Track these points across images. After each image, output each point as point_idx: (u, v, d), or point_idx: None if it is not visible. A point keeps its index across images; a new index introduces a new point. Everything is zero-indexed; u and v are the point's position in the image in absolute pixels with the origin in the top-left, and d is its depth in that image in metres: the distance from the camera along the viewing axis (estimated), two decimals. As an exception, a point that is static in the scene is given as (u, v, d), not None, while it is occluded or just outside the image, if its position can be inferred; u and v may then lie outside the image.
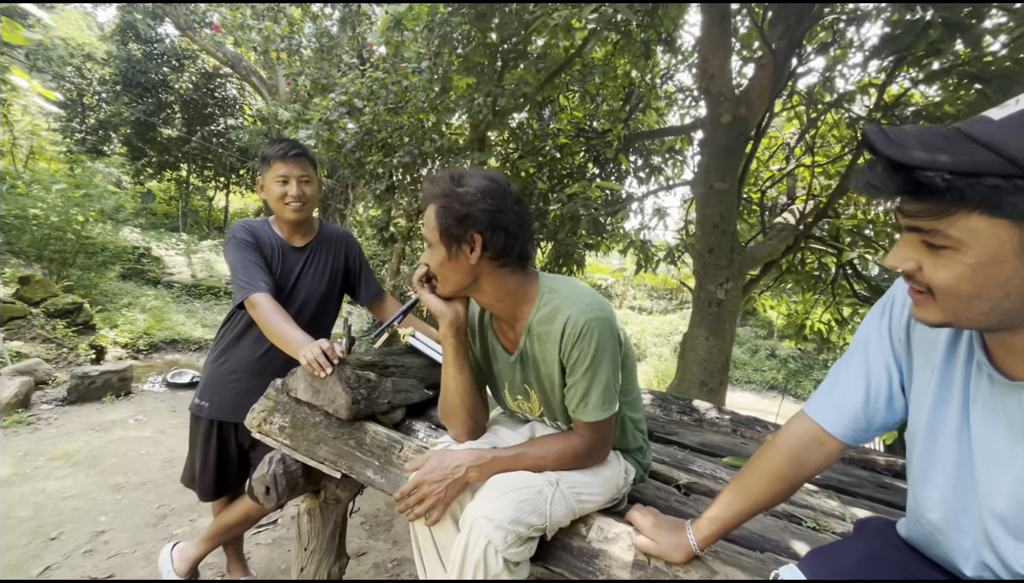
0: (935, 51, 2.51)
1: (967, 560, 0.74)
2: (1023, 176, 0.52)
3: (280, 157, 1.66)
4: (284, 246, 1.75)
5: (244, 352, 1.72)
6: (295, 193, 1.68)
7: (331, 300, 1.86)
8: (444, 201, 1.04)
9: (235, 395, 1.71)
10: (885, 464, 1.79)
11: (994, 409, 0.71)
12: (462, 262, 1.06)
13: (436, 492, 1.04)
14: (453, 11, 2.98)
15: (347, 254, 1.90)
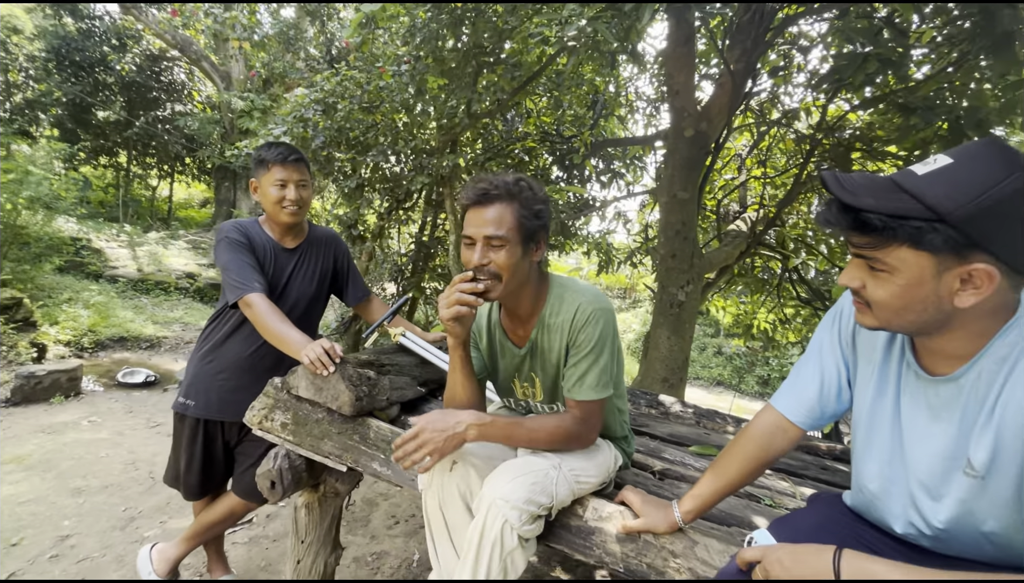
0: (870, 81, 2.81)
1: (897, 520, 0.92)
2: (938, 220, 0.69)
3: (279, 161, 1.68)
4: (276, 247, 1.77)
5: (233, 351, 1.73)
6: (293, 197, 1.70)
7: (319, 301, 1.89)
8: (526, 201, 1.12)
9: (222, 394, 1.72)
10: (826, 449, 2.03)
11: (918, 398, 0.89)
12: (528, 260, 1.15)
13: (435, 440, 1.09)
14: (433, 16, 3.04)
15: (335, 256, 1.92)
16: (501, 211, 1.11)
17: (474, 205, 1.14)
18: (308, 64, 5.23)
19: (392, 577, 2.25)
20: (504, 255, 1.11)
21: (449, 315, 1.12)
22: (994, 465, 0.79)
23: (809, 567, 0.79)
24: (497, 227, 1.11)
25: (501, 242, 1.11)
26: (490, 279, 1.13)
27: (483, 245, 1.12)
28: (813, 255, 4.75)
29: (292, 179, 1.70)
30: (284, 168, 1.69)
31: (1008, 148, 0.71)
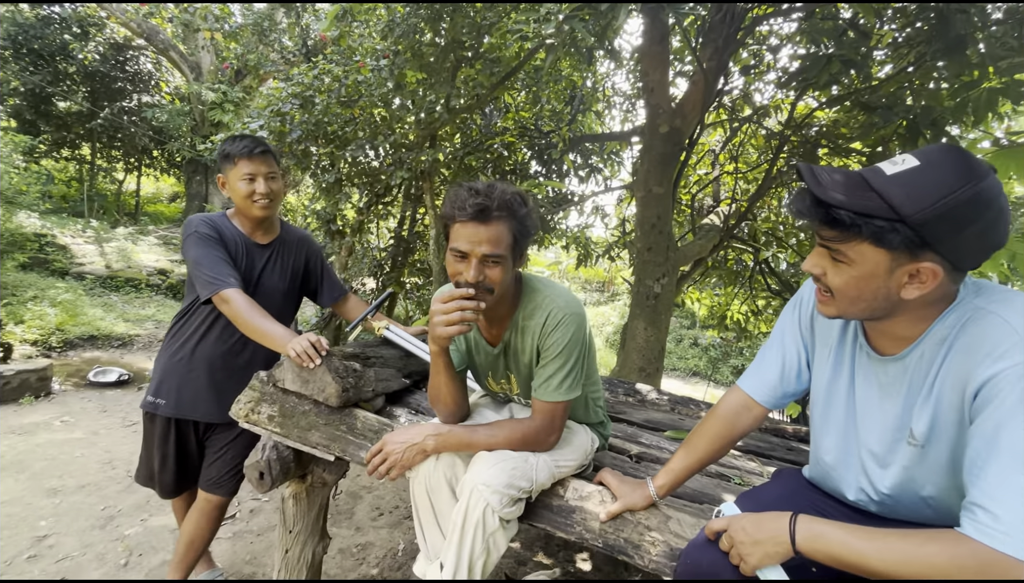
0: (834, 81, 2.93)
1: (850, 488, 1.01)
2: (899, 221, 0.76)
3: (246, 155, 1.63)
4: (248, 242, 1.74)
5: (207, 348, 1.70)
6: (263, 190, 1.66)
7: (291, 299, 1.88)
8: (522, 219, 1.14)
9: (195, 392, 1.70)
10: (792, 432, 2.14)
11: (870, 377, 0.97)
12: (511, 271, 1.18)
13: (396, 452, 1.21)
14: (412, 10, 3.05)
15: (307, 256, 1.90)
16: (500, 230, 1.10)
17: (474, 221, 1.10)
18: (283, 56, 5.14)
19: (378, 566, 2.29)
20: (499, 271, 1.12)
21: (450, 332, 1.11)
22: (932, 434, 0.87)
23: (768, 532, 0.86)
24: (495, 246, 1.10)
25: (500, 260, 1.11)
26: (483, 292, 1.13)
27: (479, 261, 1.11)
28: (783, 248, 4.92)
29: (260, 172, 1.66)
30: (251, 161, 1.64)
31: (968, 156, 0.78)
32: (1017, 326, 0.77)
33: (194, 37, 9.19)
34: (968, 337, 0.81)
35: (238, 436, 1.75)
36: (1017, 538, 0.69)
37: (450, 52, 3.39)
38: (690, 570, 0.96)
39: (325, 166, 4.12)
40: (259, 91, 5.20)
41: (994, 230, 0.76)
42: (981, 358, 0.78)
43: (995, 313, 0.80)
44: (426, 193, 4.12)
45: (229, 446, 1.76)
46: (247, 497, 2.77)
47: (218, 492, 1.76)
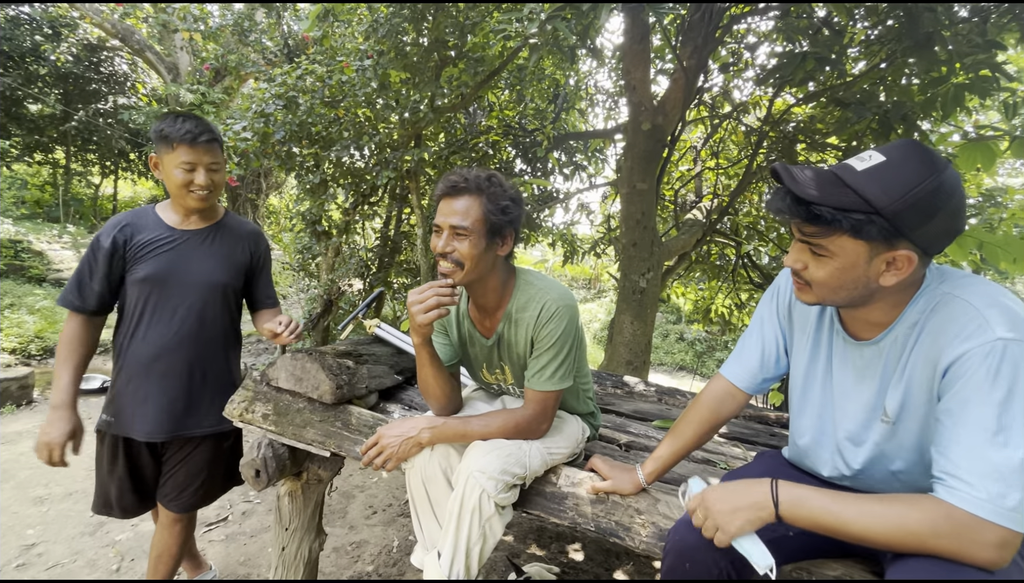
0: (810, 77, 3.02)
1: (825, 465, 1.06)
2: (875, 213, 0.81)
3: (188, 142, 1.44)
4: (173, 231, 1.55)
5: (134, 357, 1.54)
6: (203, 182, 1.49)
7: (226, 293, 1.63)
8: (493, 196, 1.19)
9: (133, 406, 1.54)
10: (775, 418, 2.21)
11: (846, 361, 1.03)
12: (492, 254, 1.22)
13: (392, 445, 1.25)
14: (395, 10, 3.06)
15: (253, 251, 1.71)
16: (469, 204, 1.19)
17: (445, 196, 1.22)
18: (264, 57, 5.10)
19: (373, 563, 2.31)
20: (467, 245, 1.19)
21: (429, 319, 1.16)
22: (903, 412, 0.93)
23: (750, 497, 0.90)
24: (463, 218, 1.18)
25: (465, 233, 1.19)
26: (453, 266, 1.20)
27: (449, 234, 1.20)
28: (764, 242, 5.03)
29: (202, 162, 1.48)
30: (193, 149, 1.45)
31: (927, 150, 0.84)
32: (980, 309, 0.83)
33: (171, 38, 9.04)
34: (937, 320, 0.87)
35: (192, 453, 1.63)
36: (989, 503, 0.75)
37: (434, 52, 3.40)
38: (677, 546, 1.00)
39: (310, 167, 4.11)
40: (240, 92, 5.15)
41: (957, 217, 0.82)
42: (949, 339, 0.84)
43: (961, 298, 0.86)
44: (412, 193, 4.13)
45: (182, 464, 1.63)
46: (238, 499, 2.76)
47: (173, 508, 1.64)
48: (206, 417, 1.61)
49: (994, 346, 0.78)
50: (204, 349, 1.58)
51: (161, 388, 1.54)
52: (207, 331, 1.59)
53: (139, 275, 1.50)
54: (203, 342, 1.58)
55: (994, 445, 0.76)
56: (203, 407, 1.60)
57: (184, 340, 1.54)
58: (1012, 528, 0.74)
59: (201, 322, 1.57)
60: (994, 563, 0.75)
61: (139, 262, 1.51)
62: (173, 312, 1.53)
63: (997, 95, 2.91)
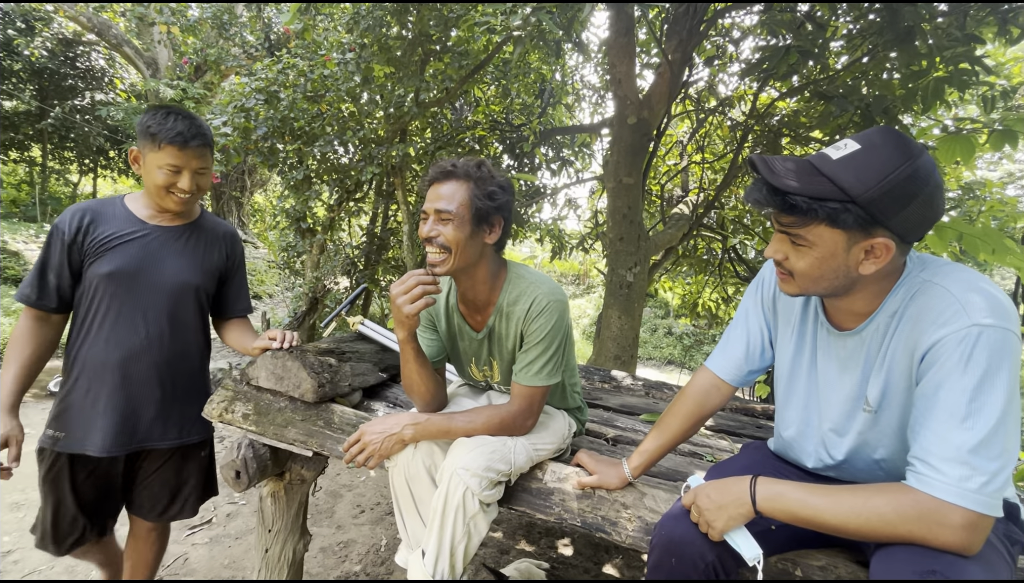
0: (793, 71, 3.04)
1: (810, 457, 1.07)
2: (850, 201, 0.81)
3: (178, 145, 1.33)
4: (144, 224, 1.42)
5: (94, 362, 1.38)
6: (187, 187, 1.38)
7: (199, 296, 1.50)
8: (481, 182, 1.17)
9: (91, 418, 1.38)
10: (761, 410, 2.22)
11: (830, 352, 1.03)
12: (478, 241, 1.20)
13: (374, 442, 1.22)
14: (377, 4, 3.01)
15: (229, 254, 1.59)
16: (454, 189, 1.18)
17: (434, 182, 1.21)
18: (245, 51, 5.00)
19: (360, 563, 2.29)
20: (452, 230, 1.17)
21: (416, 309, 1.14)
22: (884, 401, 0.93)
23: (731, 495, 0.91)
24: (448, 202, 1.17)
25: (450, 217, 1.17)
26: (439, 250, 1.19)
27: (434, 218, 1.19)
28: (750, 235, 5.07)
29: (190, 166, 1.37)
30: (183, 153, 1.35)
31: (902, 137, 0.83)
32: (958, 295, 0.83)
33: (149, 32, 8.85)
34: (916, 308, 0.87)
35: (165, 464, 1.52)
36: (953, 486, 0.75)
37: (418, 45, 3.36)
38: (664, 540, 1.00)
39: (293, 163, 4.04)
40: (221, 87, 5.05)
41: (933, 203, 0.82)
42: (927, 326, 0.84)
43: (939, 284, 0.86)
44: (398, 189, 4.09)
45: (156, 475, 1.52)
46: (223, 501, 2.72)
47: (150, 518, 1.56)
48: (176, 428, 1.49)
49: (968, 332, 0.78)
50: (174, 354, 1.46)
51: (126, 396, 1.39)
52: (178, 335, 1.46)
53: (103, 270, 1.35)
54: (173, 347, 1.45)
55: (962, 429, 0.77)
56: (173, 417, 1.48)
57: (153, 344, 1.41)
58: (978, 510, 0.75)
59: (172, 325, 1.44)
60: (964, 546, 0.76)
61: (102, 255, 1.36)
62: (142, 313, 1.40)
63: (976, 89, 2.95)
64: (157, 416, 1.45)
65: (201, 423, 1.54)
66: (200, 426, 1.55)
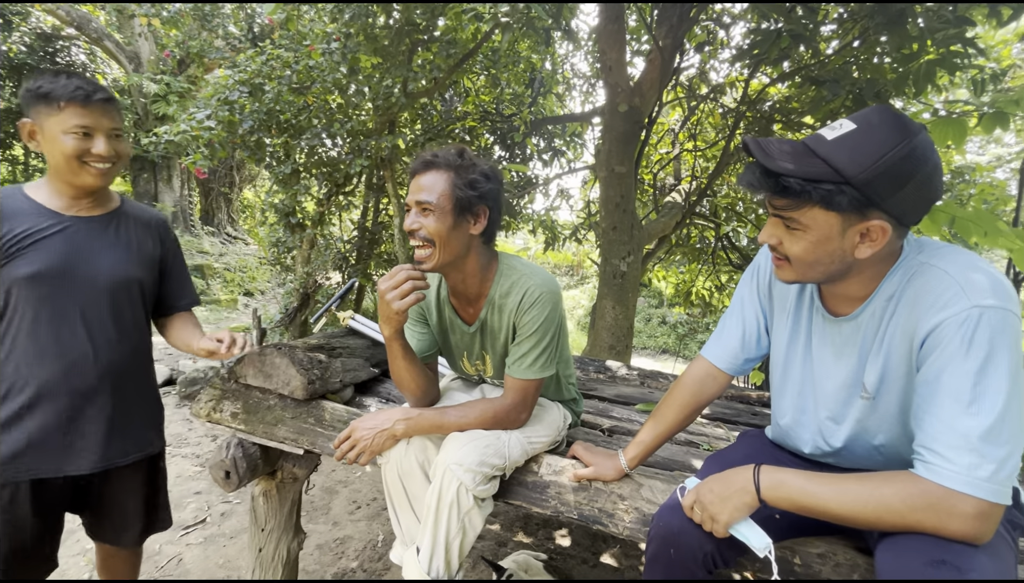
0: (785, 56, 3.01)
1: (807, 445, 1.05)
2: (845, 183, 0.79)
3: (80, 100, 1.16)
4: (60, 216, 1.23)
5: (29, 377, 1.21)
6: (105, 151, 1.19)
7: (142, 291, 1.34)
8: (462, 171, 1.14)
9: (31, 440, 1.21)
10: (756, 397, 2.22)
11: (825, 338, 1.01)
12: (463, 232, 1.17)
13: (366, 438, 1.20)
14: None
15: (163, 241, 1.40)
16: (435, 179, 1.15)
17: (415, 173, 1.19)
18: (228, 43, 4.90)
19: (357, 559, 2.28)
20: (434, 221, 1.14)
21: (406, 305, 1.12)
22: (883, 386, 0.92)
23: (735, 486, 0.89)
24: (428, 193, 1.15)
25: (431, 207, 1.14)
26: (424, 243, 1.16)
27: (416, 210, 1.16)
28: (743, 223, 5.07)
29: (102, 127, 1.19)
30: (89, 110, 1.17)
31: (899, 116, 0.81)
32: (957, 277, 0.81)
33: (130, 24, 8.66)
34: (913, 291, 0.85)
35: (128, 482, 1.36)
36: (963, 475, 0.74)
37: (405, 35, 3.30)
38: (663, 531, 0.98)
39: (280, 157, 3.98)
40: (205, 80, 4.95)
41: (930, 183, 0.80)
42: (925, 309, 0.82)
43: (937, 267, 0.84)
44: (388, 181, 4.03)
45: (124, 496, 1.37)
46: (217, 500, 2.69)
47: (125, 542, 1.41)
48: (135, 441, 1.34)
49: (969, 314, 0.77)
50: (123, 358, 1.30)
51: (72, 412, 1.22)
52: (124, 337, 1.30)
53: (23, 272, 1.17)
54: (122, 350, 1.30)
55: (968, 415, 0.75)
56: (132, 429, 1.33)
57: (99, 349, 1.25)
58: (988, 499, 0.73)
59: (117, 326, 1.28)
60: (975, 536, 0.74)
61: (18, 257, 1.17)
62: (80, 316, 1.22)
63: (966, 72, 2.94)
64: (113, 431, 1.28)
65: (158, 432, 1.42)
66: (158, 435, 1.42)
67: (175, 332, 1.44)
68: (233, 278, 10.44)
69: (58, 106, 1.15)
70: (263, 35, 4.64)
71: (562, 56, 5.60)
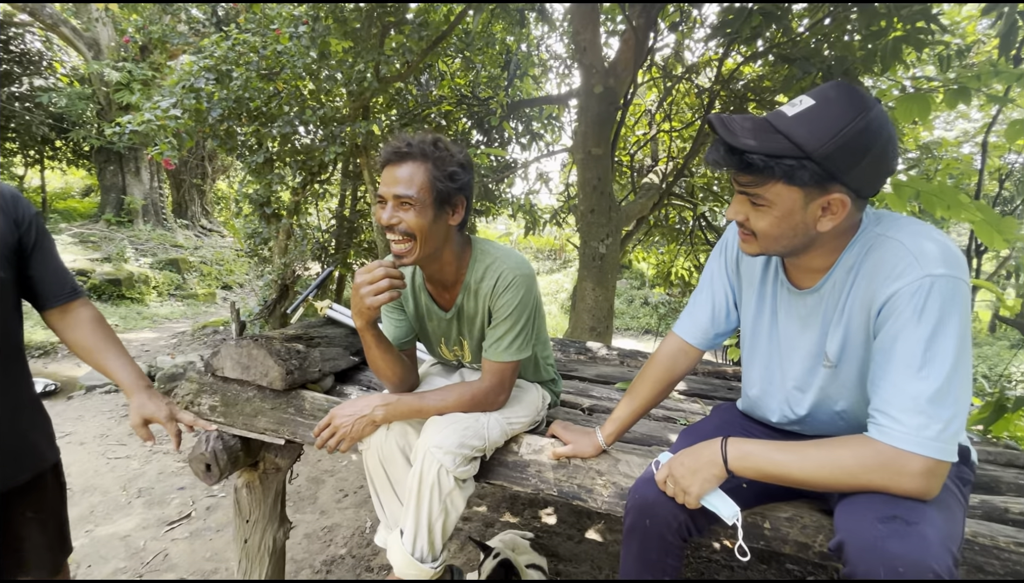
0: (757, 34, 3.03)
1: (774, 414, 1.09)
2: (805, 157, 0.81)
3: None
4: None
5: None
6: None
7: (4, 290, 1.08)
8: (440, 162, 1.11)
9: None
10: (732, 373, 2.28)
11: (790, 310, 1.04)
12: (442, 224, 1.15)
13: (345, 425, 1.21)
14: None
15: (19, 219, 1.11)
16: (413, 171, 1.11)
17: (388, 163, 1.14)
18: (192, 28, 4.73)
19: (346, 546, 2.30)
20: (414, 215, 1.11)
21: (380, 301, 1.10)
22: (844, 354, 0.95)
23: (703, 459, 0.93)
24: (407, 187, 1.10)
25: (411, 201, 1.11)
26: (403, 238, 1.13)
27: (393, 204, 1.12)
28: (719, 203, 5.13)
29: None
30: None
31: (855, 90, 0.83)
32: (911, 248, 0.84)
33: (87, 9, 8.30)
34: (871, 262, 0.89)
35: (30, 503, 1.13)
36: (911, 435, 0.78)
37: (375, 17, 3.23)
38: (639, 503, 1.02)
39: (252, 146, 3.89)
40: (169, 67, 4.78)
41: (885, 156, 0.83)
42: (882, 279, 0.86)
43: (893, 238, 0.87)
44: (364, 169, 3.98)
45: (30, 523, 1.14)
46: (201, 494, 2.68)
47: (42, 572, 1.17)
48: (29, 455, 1.13)
49: (921, 283, 0.80)
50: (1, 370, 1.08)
51: None
52: None
53: None
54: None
55: (918, 379, 0.79)
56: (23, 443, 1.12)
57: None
58: (935, 457, 0.78)
59: None
60: (923, 492, 0.79)
61: None
62: None
63: (932, 48, 3.00)
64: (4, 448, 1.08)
65: (49, 442, 1.20)
66: (50, 445, 1.20)
67: (70, 333, 1.21)
68: (210, 271, 10.23)
69: None
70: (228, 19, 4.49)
71: (537, 37, 5.54)
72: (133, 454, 3.11)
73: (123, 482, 2.79)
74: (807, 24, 3.68)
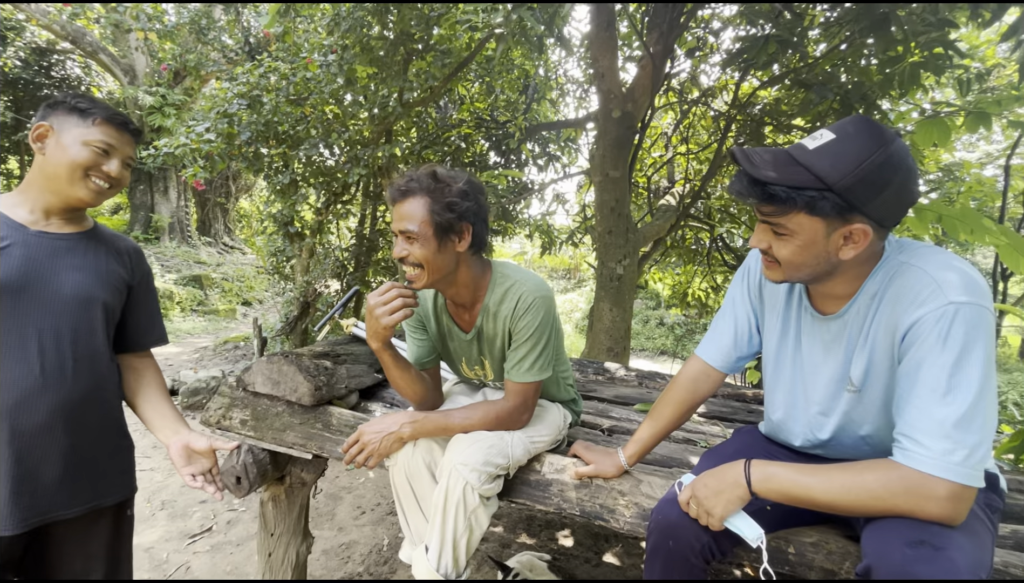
0: (773, 60, 3.08)
1: (798, 438, 1.10)
2: (827, 189, 0.84)
3: (116, 125, 1.15)
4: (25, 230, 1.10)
5: None
6: (116, 172, 1.15)
7: (106, 315, 1.17)
8: (437, 195, 1.16)
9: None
10: (752, 396, 2.27)
11: (814, 336, 1.06)
12: (450, 252, 1.20)
13: (373, 441, 1.23)
14: (357, 5, 3.00)
15: (135, 269, 1.26)
16: (413, 206, 1.17)
17: (394, 201, 1.21)
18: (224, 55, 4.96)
19: (363, 563, 2.30)
20: (419, 248, 1.17)
21: (395, 320, 1.16)
22: (868, 379, 0.96)
23: (727, 481, 0.94)
24: (410, 222, 1.17)
25: (414, 236, 1.17)
26: (414, 269, 1.20)
27: (402, 239, 1.19)
28: (736, 224, 5.13)
29: (123, 152, 1.17)
30: (120, 133, 1.15)
31: (875, 124, 0.86)
32: (935, 276, 0.86)
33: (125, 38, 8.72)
34: (895, 289, 0.90)
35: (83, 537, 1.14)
36: (937, 460, 0.78)
37: (400, 45, 3.35)
38: (661, 524, 1.02)
39: (278, 167, 4.02)
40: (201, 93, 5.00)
41: (907, 188, 0.85)
42: (906, 306, 0.87)
43: (916, 266, 0.89)
44: (385, 190, 4.09)
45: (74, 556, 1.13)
46: (223, 508, 2.72)
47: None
48: (89, 488, 1.13)
49: (946, 310, 0.82)
50: (82, 392, 1.11)
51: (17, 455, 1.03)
52: (85, 366, 1.12)
53: None
54: (79, 382, 1.10)
55: (943, 404, 0.80)
56: (85, 475, 1.12)
57: (51, 381, 1.06)
58: (960, 482, 0.78)
59: (77, 353, 1.10)
60: (949, 517, 0.79)
61: None
62: (35, 341, 1.05)
63: (951, 72, 3.01)
64: (64, 476, 1.08)
65: (123, 478, 1.22)
66: (122, 481, 1.21)
67: (131, 379, 1.27)
68: (231, 288, 10.46)
69: (92, 121, 1.12)
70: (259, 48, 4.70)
71: (555, 62, 5.67)
72: (156, 467, 3.18)
73: (147, 494, 2.85)
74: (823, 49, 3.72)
